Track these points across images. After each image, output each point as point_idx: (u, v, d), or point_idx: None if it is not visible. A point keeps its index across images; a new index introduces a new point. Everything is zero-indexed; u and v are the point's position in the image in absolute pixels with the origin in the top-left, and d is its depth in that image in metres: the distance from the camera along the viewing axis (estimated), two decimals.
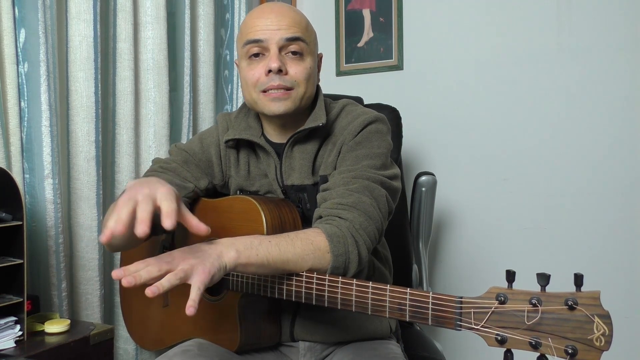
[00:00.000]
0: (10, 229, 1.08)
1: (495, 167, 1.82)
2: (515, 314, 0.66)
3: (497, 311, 0.67)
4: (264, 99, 1.00)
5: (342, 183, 0.96)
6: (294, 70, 1.00)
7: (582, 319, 0.62)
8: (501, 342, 0.66)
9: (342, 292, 0.81)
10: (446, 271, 1.93)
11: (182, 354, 0.96)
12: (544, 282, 0.65)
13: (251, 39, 0.99)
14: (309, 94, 1.03)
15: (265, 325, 1.02)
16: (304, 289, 0.85)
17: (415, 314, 0.74)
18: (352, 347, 1.05)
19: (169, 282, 0.71)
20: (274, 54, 0.98)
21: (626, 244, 1.64)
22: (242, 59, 1.03)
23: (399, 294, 0.75)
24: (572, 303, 0.62)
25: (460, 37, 1.85)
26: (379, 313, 0.77)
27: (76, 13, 1.36)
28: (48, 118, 1.26)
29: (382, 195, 0.96)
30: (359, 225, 0.90)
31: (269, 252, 0.81)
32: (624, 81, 1.62)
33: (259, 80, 1.00)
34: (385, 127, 1.05)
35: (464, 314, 0.69)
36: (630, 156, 1.62)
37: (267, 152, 1.07)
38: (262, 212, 0.96)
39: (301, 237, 0.86)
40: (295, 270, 0.85)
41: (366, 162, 0.99)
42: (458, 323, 0.70)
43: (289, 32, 0.99)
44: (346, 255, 0.87)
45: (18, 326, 1.08)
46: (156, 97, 1.56)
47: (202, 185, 1.11)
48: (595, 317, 0.62)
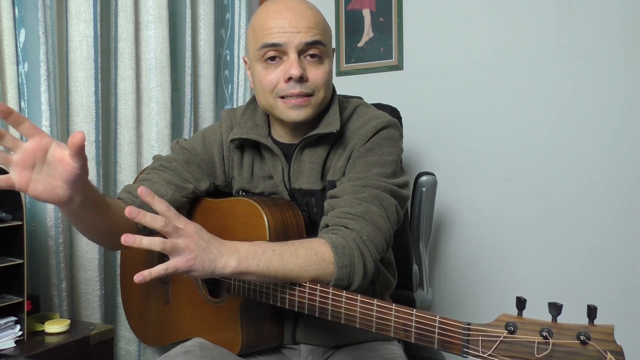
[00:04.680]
0: (10, 229, 1.08)
1: (495, 167, 1.81)
2: (524, 345, 0.63)
3: (506, 340, 0.64)
4: (283, 105, 0.96)
5: (351, 191, 0.92)
6: (314, 76, 0.95)
7: (594, 354, 0.60)
8: None
9: (346, 307, 0.79)
10: (446, 271, 1.92)
11: (184, 354, 0.95)
12: (556, 313, 0.63)
13: (268, 42, 0.93)
14: (327, 98, 1.00)
15: (267, 328, 1.01)
16: (307, 300, 0.83)
17: (420, 337, 0.72)
18: (353, 349, 1.04)
19: (151, 244, 0.70)
20: (294, 60, 0.93)
21: (626, 243, 1.64)
22: (257, 62, 0.97)
23: (404, 314, 0.73)
24: (585, 338, 0.60)
25: (460, 37, 1.85)
26: (384, 332, 0.76)
27: (76, 13, 1.36)
28: (48, 118, 1.26)
29: (392, 205, 0.93)
30: (366, 237, 0.87)
31: (270, 262, 0.80)
32: (624, 81, 1.62)
33: (277, 86, 0.95)
34: (398, 132, 1.01)
35: (472, 341, 0.67)
36: (631, 156, 1.62)
37: (274, 154, 1.03)
38: (265, 217, 0.94)
39: (305, 247, 0.84)
40: (297, 280, 0.83)
41: (376, 169, 0.95)
42: (465, 350, 0.68)
43: (308, 36, 0.93)
44: (351, 267, 0.85)
45: (18, 326, 1.08)
46: (159, 96, 1.56)
47: (202, 186, 1.09)
48: (608, 354, 0.60)
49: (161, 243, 0.71)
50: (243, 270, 0.78)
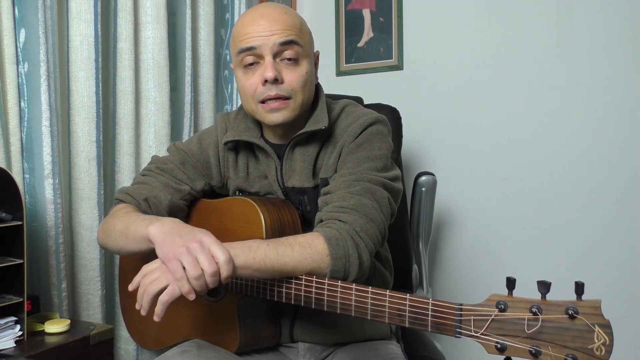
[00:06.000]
0: (10, 229, 1.08)
1: (495, 167, 1.82)
2: (515, 322, 0.66)
3: (497, 319, 0.67)
4: (262, 110, 0.99)
5: (343, 186, 0.95)
6: (290, 78, 0.98)
7: (582, 328, 0.62)
8: (501, 350, 0.66)
9: (341, 297, 0.80)
10: (446, 271, 1.93)
11: (182, 354, 0.95)
12: (545, 290, 0.65)
13: (244, 47, 0.97)
14: (307, 100, 1.02)
15: (264, 326, 1.02)
16: (303, 293, 0.84)
17: (414, 320, 0.74)
18: (352, 347, 1.04)
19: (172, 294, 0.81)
20: (269, 63, 0.96)
21: (626, 244, 1.64)
22: (237, 68, 1.02)
23: (398, 299, 0.75)
24: (573, 312, 0.62)
25: (460, 37, 1.85)
26: (378, 318, 0.77)
27: (77, 13, 1.36)
28: (48, 118, 1.26)
29: (384, 197, 0.95)
30: (359, 228, 0.89)
31: (266, 255, 0.82)
32: (624, 81, 1.62)
33: (256, 90, 0.99)
34: (386, 128, 1.04)
35: (464, 321, 0.69)
36: (631, 156, 1.62)
37: (267, 154, 1.06)
38: (262, 215, 0.95)
39: (300, 241, 0.86)
40: (293, 274, 0.84)
41: (367, 164, 0.98)
42: (457, 330, 0.70)
43: (282, 36, 0.96)
44: (346, 258, 0.86)
45: (18, 326, 1.08)
46: (156, 97, 1.56)
47: (197, 186, 1.11)
48: (596, 327, 0.61)
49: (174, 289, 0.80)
50: (240, 264, 0.80)
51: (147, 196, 1.05)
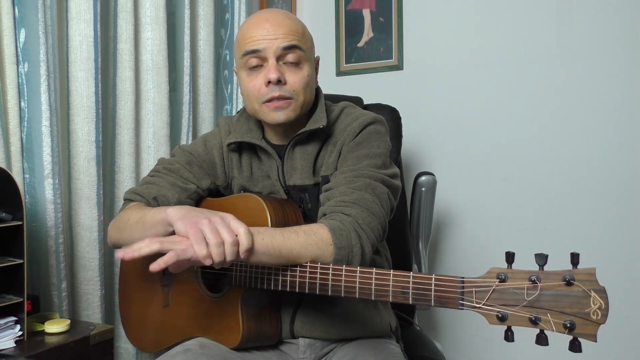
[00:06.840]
0: (10, 229, 1.08)
1: (495, 167, 1.82)
2: (515, 292, 0.69)
3: (497, 289, 0.70)
4: (266, 109, 1.02)
5: (344, 182, 0.98)
6: (293, 80, 1.01)
7: (579, 294, 0.65)
8: (502, 319, 0.69)
9: (345, 280, 0.83)
10: (446, 271, 1.92)
11: (184, 352, 0.96)
12: (542, 262, 0.69)
13: (249, 49, 1.01)
14: (308, 101, 1.06)
15: (266, 321, 1.03)
16: (307, 279, 0.86)
17: (418, 297, 0.76)
18: (353, 345, 1.05)
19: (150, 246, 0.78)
20: (272, 65, 1.00)
21: (626, 243, 1.64)
22: (242, 70, 1.05)
23: (402, 277, 0.78)
24: (570, 279, 0.66)
25: (460, 37, 1.85)
26: (382, 297, 0.79)
27: (76, 13, 1.36)
28: (48, 118, 1.26)
29: (384, 192, 0.98)
30: (362, 221, 0.92)
31: (273, 238, 0.84)
32: (624, 81, 1.62)
33: (260, 91, 1.02)
34: (384, 128, 1.08)
35: (466, 293, 0.71)
36: (631, 156, 1.62)
37: (269, 154, 1.09)
38: (267, 209, 0.98)
39: (304, 230, 0.89)
40: (298, 260, 0.87)
41: (367, 161, 1.01)
42: (460, 302, 0.72)
43: (285, 41, 1.00)
44: (349, 248, 0.89)
45: (18, 326, 1.08)
46: (155, 97, 1.57)
47: (204, 185, 1.13)
48: (592, 292, 0.64)
49: (158, 240, 0.78)
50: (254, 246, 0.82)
51: (156, 195, 1.08)
